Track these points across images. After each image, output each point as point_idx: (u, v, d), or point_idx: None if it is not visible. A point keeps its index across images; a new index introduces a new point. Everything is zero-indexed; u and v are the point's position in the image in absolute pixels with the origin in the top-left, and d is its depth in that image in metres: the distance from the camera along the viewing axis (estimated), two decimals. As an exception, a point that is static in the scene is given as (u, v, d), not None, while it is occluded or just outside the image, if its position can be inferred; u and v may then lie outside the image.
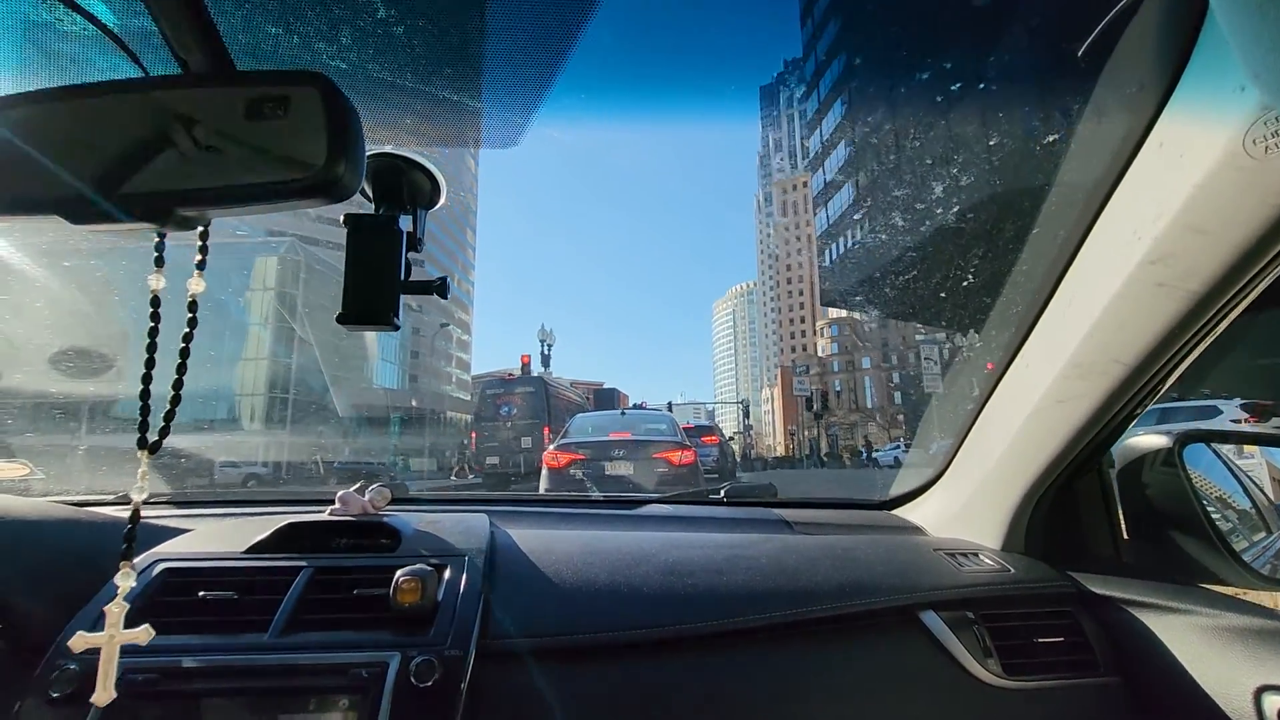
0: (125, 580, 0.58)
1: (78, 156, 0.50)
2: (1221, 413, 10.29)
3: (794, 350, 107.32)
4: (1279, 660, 0.76)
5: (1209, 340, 0.79)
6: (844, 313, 75.49)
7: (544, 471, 6.79)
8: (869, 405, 68.41)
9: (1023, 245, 1.01)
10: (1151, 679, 0.88)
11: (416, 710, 0.72)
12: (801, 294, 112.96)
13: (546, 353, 26.05)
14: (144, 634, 0.61)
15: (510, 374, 19.19)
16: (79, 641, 0.59)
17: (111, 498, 1.33)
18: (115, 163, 0.50)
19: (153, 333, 0.55)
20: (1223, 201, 0.62)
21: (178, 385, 0.56)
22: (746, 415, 45.29)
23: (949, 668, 0.90)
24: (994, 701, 0.88)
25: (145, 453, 0.54)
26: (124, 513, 1.13)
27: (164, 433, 0.55)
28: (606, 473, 6.56)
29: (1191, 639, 0.85)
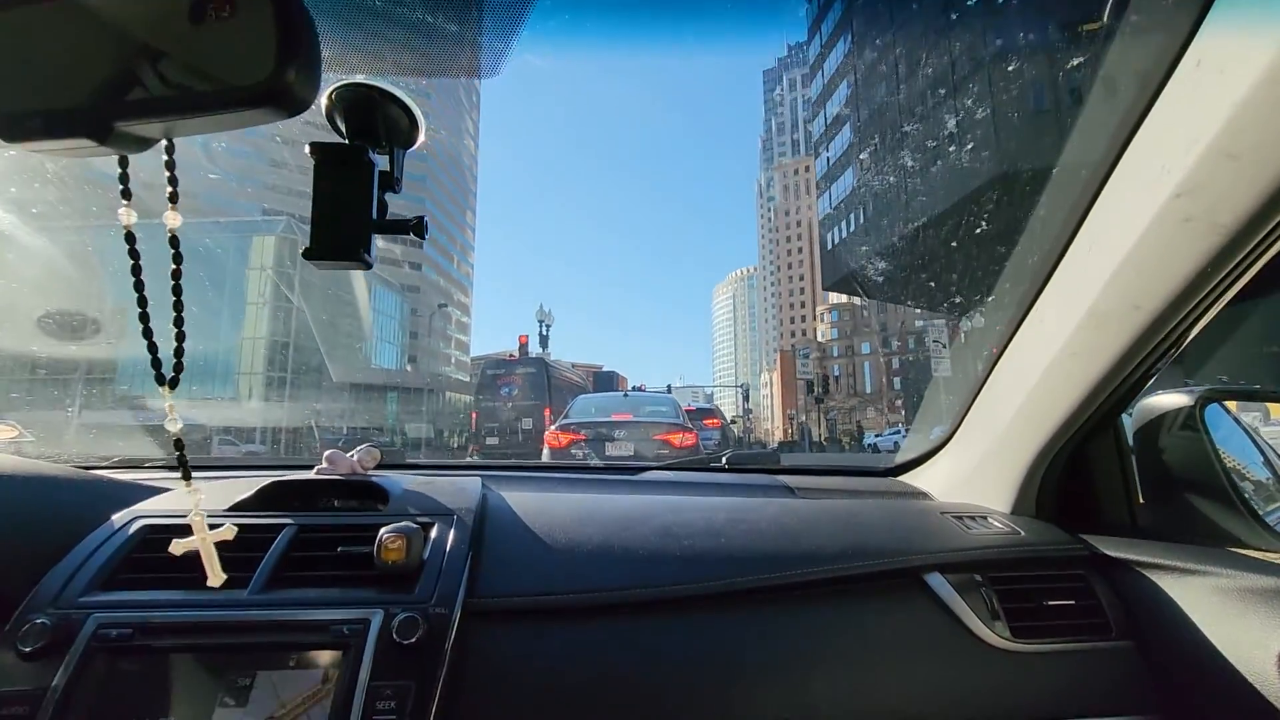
0: (194, 496, 0.63)
1: (10, 70, 0.47)
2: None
3: (794, 335, 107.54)
4: None
5: (1236, 287, 0.74)
6: (844, 298, 75.41)
7: (545, 451, 6.85)
8: (867, 391, 68.59)
9: (1041, 191, 0.95)
10: (1166, 642, 0.85)
11: (400, 667, 0.70)
12: (802, 279, 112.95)
13: (545, 333, 25.47)
14: (229, 531, 0.69)
15: (511, 355, 19.22)
16: (177, 547, 0.66)
17: (105, 463, 1.31)
18: (50, 76, 0.46)
19: (135, 270, 0.53)
20: (1263, 120, 0.57)
21: (179, 322, 0.56)
22: (746, 399, 45.24)
23: (955, 630, 0.87)
24: (1001, 664, 0.85)
25: (166, 388, 0.55)
26: (121, 475, 1.14)
27: (178, 368, 0.56)
28: (607, 453, 6.60)
29: (1210, 601, 0.82)
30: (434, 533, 0.88)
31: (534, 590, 0.83)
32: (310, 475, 1.02)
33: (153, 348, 0.55)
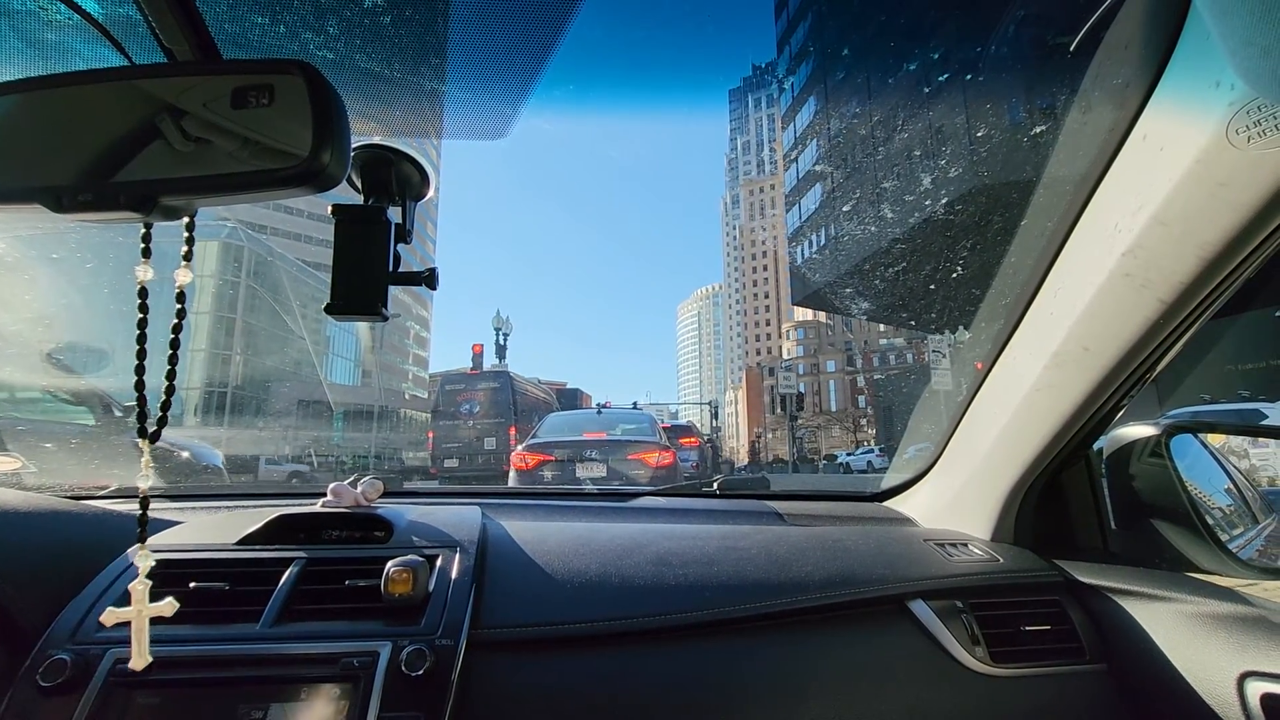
0: (144, 560, 0.63)
1: (63, 145, 0.50)
2: (1267, 416, 9.77)
3: (759, 353, 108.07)
4: (1261, 647, 0.77)
5: (1183, 337, 0.80)
6: (810, 315, 75.94)
7: (511, 474, 6.39)
8: (832, 409, 68.81)
9: (1011, 238, 1.03)
10: (1136, 666, 0.89)
11: (408, 699, 0.72)
12: (767, 296, 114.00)
13: (502, 343, 23.47)
14: (169, 607, 0.65)
15: (473, 370, 18.02)
16: (109, 616, 0.63)
17: (104, 492, 1.31)
18: (101, 151, 0.49)
19: (142, 324, 0.55)
20: (1196, 194, 0.63)
21: (171, 375, 0.57)
22: (715, 417, 44.51)
23: (937, 656, 0.90)
24: (981, 689, 0.88)
25: (145, 441, 0.56)
26: (118, 505, 1.15)
27: (162, 422, 0.56)
28: (578, 475, 6.15)
29: (1176, 626, 0.86)
30: (439, 564, 0.90)
31: (536, 620, 0.85)
32: (316, 508, 1.03)
33: (141, 400, 0.56)
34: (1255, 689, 0.74)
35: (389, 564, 0.82)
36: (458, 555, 0.91)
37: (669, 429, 10.46)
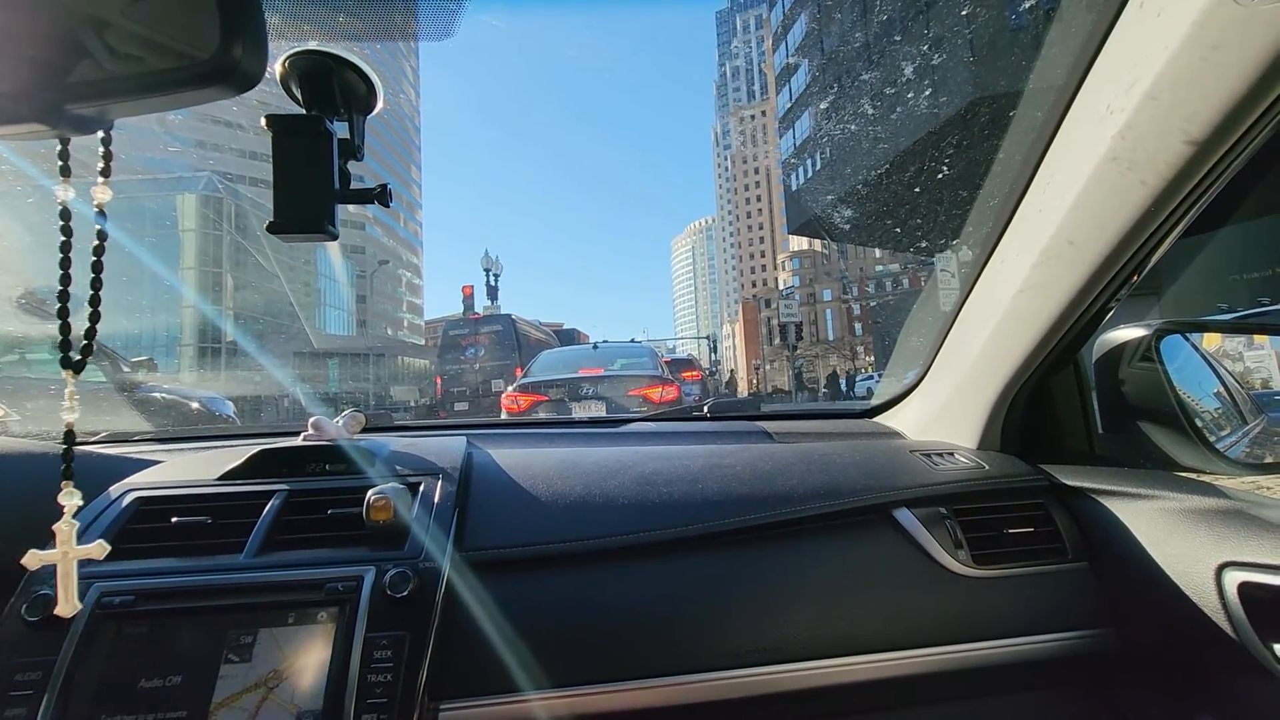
0: (70, 498, 0.59)
1: None
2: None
3: (754, 285, 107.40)
4: (1240, 539, 0.78)
5: (1173, 230, 0.77)
6: (805, 244, 74.96)
7: (503, 416, 6.03)
8: (829, 338, 68.98)
9: (1002, 134, 1.00)
10: (1117, 562, 0.90)
11: (394, 619, 0.73)
12: (762, 227, 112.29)
13: (493, 284, 22.47)
14: (98, 549, 0.62)
15: (475, 314, 18.02)
16: (32, 559, 0.60)
17: (95, 438, 1.31)
18: None
19: (64, 247, 0.53)
20: (1184, 63, 0.59)
21: (95, 301, 0.55)
22: (714, 350, 44.58)
23: (920, 561, 0.92)
24: (963, 589, 0.90)
25: (70, 373, 0.55)
26: (106, 449, 1.16)
27: (86, 350, 0.55)
28: (575, 415, 5.68)
29: (1157, 522, 0.87)
30: (421, 491, 0.90)
31: (519, 541, 0.86)
32: (297, 442, 1.02)
33: (65, 328, 0.54)
34: (1233, 578, 0.76)
35: (370, 492, 0.83)
36: (440, 481, 0.92)
37: (670, 364, 10.29)
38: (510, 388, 6.49)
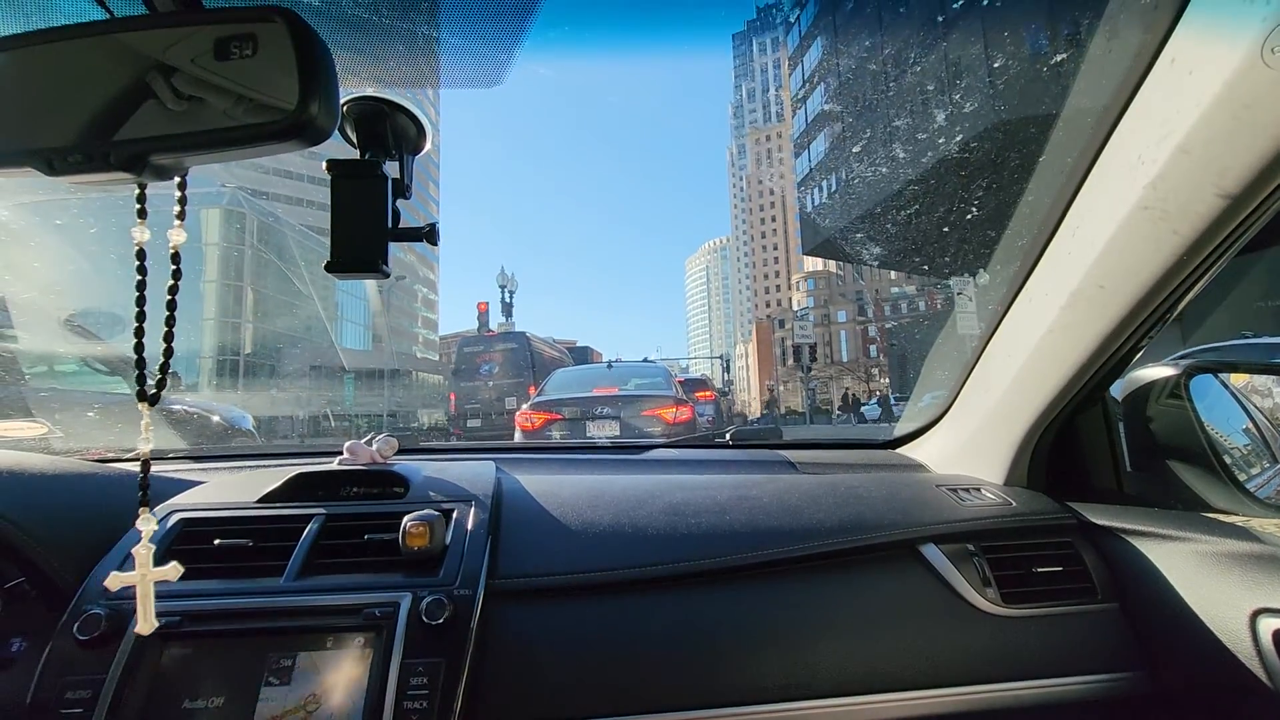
0: (147, 524, 0.61)
1: (55, 106, 0.50)
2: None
3: (768, 305, 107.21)
4: (1275, 584, 0.77)
5: (1203, 276, 0.77)
6: (820, 265, 74.83)
7: (517, 435, 6.06)
8: (844, 359, 68.47)
9: (1030, 175, 1.00)
10: (1148, 604, 0.89)
11: (429, 646, 0.74)
12: (776, 248, 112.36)
13: (508, 300, 22.43)
14: (173, 571, 0.63)
15: (489, 331, 18.04)
16: (114, 581, 0.61)
17: (129, 455, 1.33)
18: (92, 112, 0.49)
19: (140, 285, 0.55)
20: (1219, 118, 0.60)
21: (168, 337, 0.57)
22: (727, 370, 44.39)
23: (948, 598, 0.91)
24: (992, 628, 0.89)
25: (145, 405, 0.55)
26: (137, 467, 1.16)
27: (161, 384, 0.56)
28: (589, 434, 5.73)
29: (1189, 565, 0.86)
30: (455, 518, 0.91)
31: (551, 570, 0.87)
32: (333, 466, 1.04)
33: (140, 363, 0.55)
34: (1268, 625, 0.74)
35: (406, 519, 0.84)
36: (473, 508, 0.93)
37: (683, 383, 10.24)
38: (525, 406, 6.50)
